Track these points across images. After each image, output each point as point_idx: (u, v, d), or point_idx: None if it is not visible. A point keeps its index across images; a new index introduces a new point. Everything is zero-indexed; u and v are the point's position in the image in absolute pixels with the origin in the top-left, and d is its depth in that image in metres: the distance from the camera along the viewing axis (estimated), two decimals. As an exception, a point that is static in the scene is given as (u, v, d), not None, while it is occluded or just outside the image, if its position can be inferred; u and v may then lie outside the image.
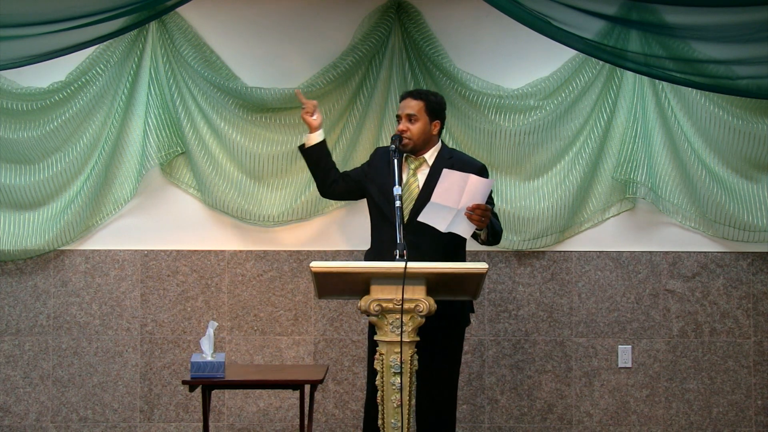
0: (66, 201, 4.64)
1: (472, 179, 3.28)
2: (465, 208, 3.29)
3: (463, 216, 3.30)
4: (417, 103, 3.66)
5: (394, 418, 3.15)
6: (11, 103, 4.56)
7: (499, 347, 4.69)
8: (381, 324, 3.19)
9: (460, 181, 3.27)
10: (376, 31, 4.57)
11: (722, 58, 3.92)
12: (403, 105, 3.70)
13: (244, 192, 4.65)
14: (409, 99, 3.69)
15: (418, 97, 3.70)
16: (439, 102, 3.73)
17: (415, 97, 3.70)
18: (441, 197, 3.28)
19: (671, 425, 4.66)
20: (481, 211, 3.30)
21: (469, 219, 3.31)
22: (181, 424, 4.67)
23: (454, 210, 3.29)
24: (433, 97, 3.73)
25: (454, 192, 3.27)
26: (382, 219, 3.66)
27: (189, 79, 4.60)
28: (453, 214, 3.29)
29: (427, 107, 3.67)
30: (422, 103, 3.67)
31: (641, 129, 4.60)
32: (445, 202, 3.28)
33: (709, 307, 4.67)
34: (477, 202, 3.29)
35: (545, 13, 3.72)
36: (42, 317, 4.68)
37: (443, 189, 3.27)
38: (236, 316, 4.69)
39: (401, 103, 3.72)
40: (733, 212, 4.56)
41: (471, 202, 3.28)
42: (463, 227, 3.34)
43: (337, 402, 4.68)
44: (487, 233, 3.47)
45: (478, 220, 3.32)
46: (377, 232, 3.72)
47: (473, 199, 3.28)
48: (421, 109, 3.66)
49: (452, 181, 3.27)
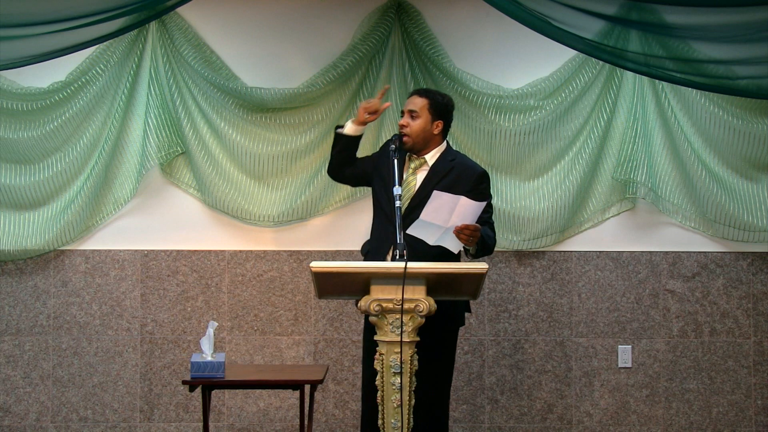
0: (66, 201, 4.64)
1: (462, 201, 3.26)
2: (454, 227, 3.29)
3: (452, 234, 3.31)
4: (421, 100, 3.66)
5: (394, 418, 3.16)
6: (11, 103, 4.56)
7: (499, 347, 4.69)
8: (381, 324, 3.19)
9: (450, 203, 3.26)
10: (376, 31, 4.57)
11: (722, 58, 3.92)
12: (407, 101, 3.71)
13: (244, 192, 4.65)
14: (415, 96, 3.70)
15: (423, 94, 3.70)
16: (445, 103, 3.71)
17: (420, 94, 3.70)
18: (430, 216, 3.28)
19: (671, 425, 4.66)
20: (470, 231, 3.30)
21: (457, 237, 3.32)
22: (181, 424, 4.67)
23: (442, 228, 3.30)
24: (440, 97, 3.71)
25: (443, 212, 3.27)
26: (382, 214, 3.67)
27: (189, 79, 4.60)
28: (441, 231, 3.31)
29: (430, 106, 3.65)
30: (426, 101, 3.66)
31: (641, 129, 4.60)
32: (435, 221, 3.28)
33: (709, 307, 4.67)
34: (466, 222, 3.29)
35: (545, 13, 3.72)
36: (42, 317, 4.68)
37: (432, 209, 3.26)
38: (236, 316, 4.69)
39: (408, 100, 3.73)
40: (733, 212, 4.56)
41: (460, 222, 3.28)
42: (451, 243, 3.36)
43: (337, 402, 4.68)
44: (476, 249, 3.47)
45: (466, 240, 3.33)
46: (376, 226, 3.73)
47: (463, 219, 3.28)
48: (424, 107, 3.65)
49: (442, 203, 3.25)
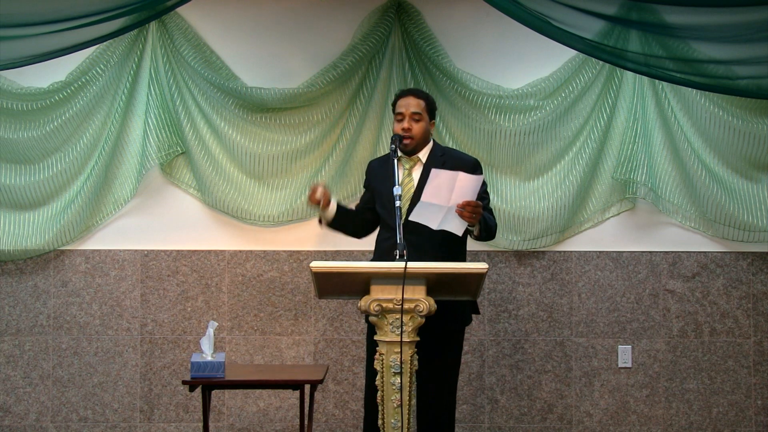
0: (66, 201, 4.64)
1: (461, 177, 3.28)
2: (455, 206, 3.29)
3: (454, 213, 3.31)
4: (420, 102, 3.66)
5: (394, 418, 3.16)
6: (11, 103, 4.56)
7: (499, 347, 4.69)
8: (381, 324, 3.19)
9: (449, 180, 3.27)
10: (376, 31, 4.57)
11: (722, 58, 3.92)
12: (405, 103, 3.66)
13: (244, 192, 4.65)
14: (412, 97, 3.67)
15: (419, 95, 3.69)
16: (434, 101, 3.78)
17: (417, 95, 3.69)
18: (431, 196, 3.29)
19: (671, 425, 4.66)
20: (471, 207, 3.30)
21: (460, 216, 3.31)
22: (181, 424, 4.67)
23: (444, 208, 3.30)
24: (431, 97, 3.77)
25: (443, 190, 3.28)
26: (385, 225, 3.69)
27: (189, 79, 4.60)
28: (444, 212, 3.30)
29: (427, 106, 3.68)
30: (424, 102, 3.67)
31: (641, 129, 4.60)
32: (435, 200, 3.29)
33: (709, 307, 4.67)
34: (467, 199, 3.29)
35: (545, 13, 3.72)
36: (42, 317, 4.68)
37: (433, 188, 3.28)
38: (236, 316, 4.69)
39: (402, 101, 3.68)
40: (733, 212, 4.56)
41: (461, 200, 3.29)
42: (454, 224, 3.35)
43: (337, 402, 4.68)
44: (479, 228, 3.47)
45: (469, 217, 3.32)
46: (380, 238, 3.73)
47: (463, 196, 3.29)
48: (424, 109, 3.66)
49: (441, 180, 3.27)
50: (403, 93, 3.73)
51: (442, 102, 4.58)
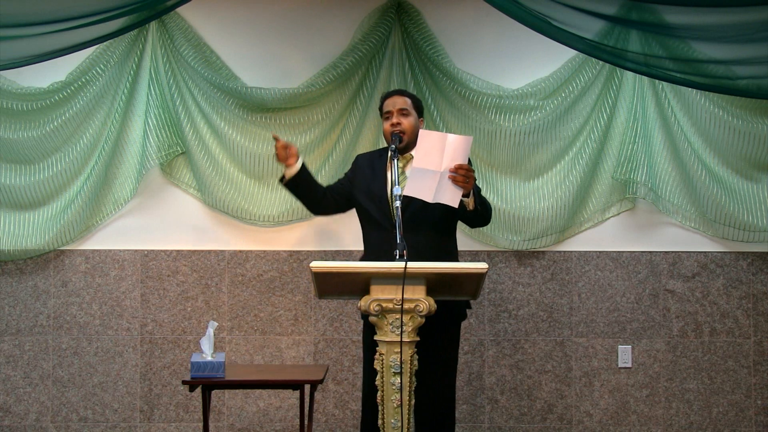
0: (66, 201, 4.64)
1: (450, 138, 3.28)
2: (448, 171, 3.28)
3: (447, 180, 3.29)
4: (406, 100, 3.74)
5: (394, 418, 3.16)
6: (11, 103, 4.56)
7: (499, 347, 4.69)
8: (381, 324, 3.19)
9: (439, 141, 3.27)
10: (376, 31, 4.57)
11: (722, 58, 3.92)
12: (391, 102, 3.73)
13: (244, 192, 4.65)
14: (396, 96, 3.76)
15: (403, 94, 3.78)
16: (420, 100, 3.85)
17: (401, 94, 3.78)
18: (422, 161, 3.27)
19: (671, 425, 4.66)
20: (464, 171, 3.30)
21: (453, 182, 3.30)
22: (181, 424, 4.67)
23: (437, 174, 3.28)
24: (416, 95, 3.87)
25: (434, 153, 3.26)
26: (372, 223, 3.68)
27: (189, 79, 4.60)
28: (437, 179, 3.28)
29: (413, 104, 3.75)
30: (409, 99, 3.75)
31: (641, 129, 4.60)
32: (427, 165, 3.27)
33: (709, 307, 4.67)
34: (459, 161, 3.29)
35: (545, 13, 3.72)
36: (42, 317, 4.68)
37: (423, 151, 3.26)
38: (236, 316, 4.69)
39: (388, 101, 3.74)
40: (733, 212, 4.56)
41: (453, 163, 3.28)
42: (449, 194, 3.32)
43: (337, 402, 4.68)
44: (475, 201, 3.46)
45: (463, 181, 3.31)
46: (368, 237, 3.72)
47: (455, 159, 3.28)
48: (410, 105, 3.73)
49: (431, 142, 3.26)
50: (388, 94, 3.84)
51: (442, 102, 4.59)
